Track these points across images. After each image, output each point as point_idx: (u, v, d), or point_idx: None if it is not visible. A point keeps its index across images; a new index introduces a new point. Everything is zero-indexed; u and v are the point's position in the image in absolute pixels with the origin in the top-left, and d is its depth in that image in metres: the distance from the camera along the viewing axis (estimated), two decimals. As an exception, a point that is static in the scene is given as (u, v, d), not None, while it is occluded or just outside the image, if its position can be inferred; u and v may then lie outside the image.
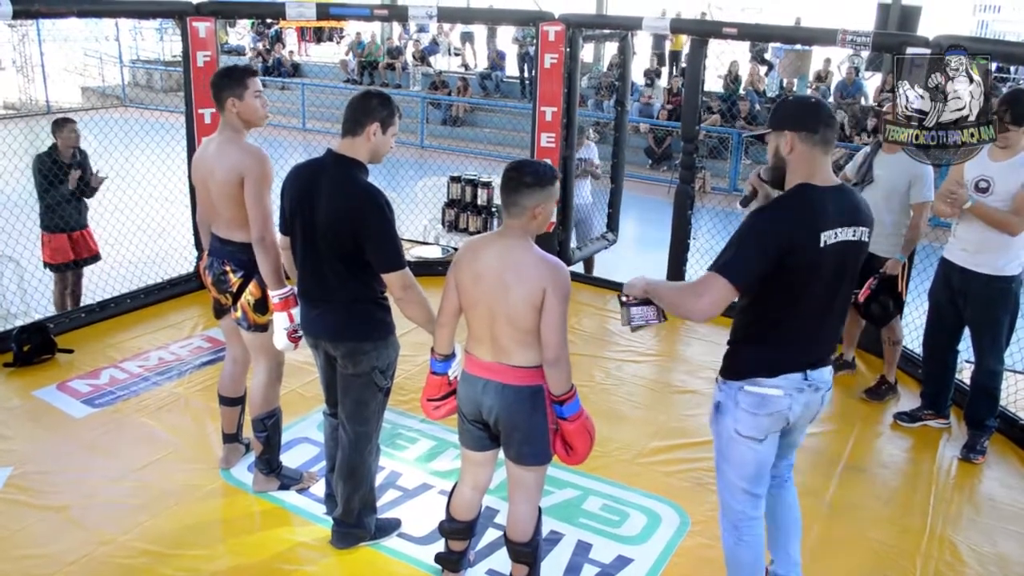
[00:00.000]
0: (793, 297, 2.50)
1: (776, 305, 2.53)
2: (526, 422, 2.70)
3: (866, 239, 2.55)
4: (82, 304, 5.44)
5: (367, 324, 2.97)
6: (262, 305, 3.34)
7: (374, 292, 2.93)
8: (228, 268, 3.36)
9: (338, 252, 2.84)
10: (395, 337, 3.07)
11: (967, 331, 4.22)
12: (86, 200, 5.70)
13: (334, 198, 2.80)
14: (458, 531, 2.98)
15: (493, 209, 7.31)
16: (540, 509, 2.89)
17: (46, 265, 5.68)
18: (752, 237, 2.45)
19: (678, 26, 5.98)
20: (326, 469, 3.39)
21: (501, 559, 3.14)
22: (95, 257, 5.82)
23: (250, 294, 3.34)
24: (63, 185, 5.46)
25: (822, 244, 2.43)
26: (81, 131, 5.68)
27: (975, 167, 3.92)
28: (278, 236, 3.16)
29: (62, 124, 5.60)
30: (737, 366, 2.63)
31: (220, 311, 3.58)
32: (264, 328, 3.38)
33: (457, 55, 19.23)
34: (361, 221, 2.78)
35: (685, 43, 13.22)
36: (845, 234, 2.47)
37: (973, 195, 3.89)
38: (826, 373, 2.64)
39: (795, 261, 2.42)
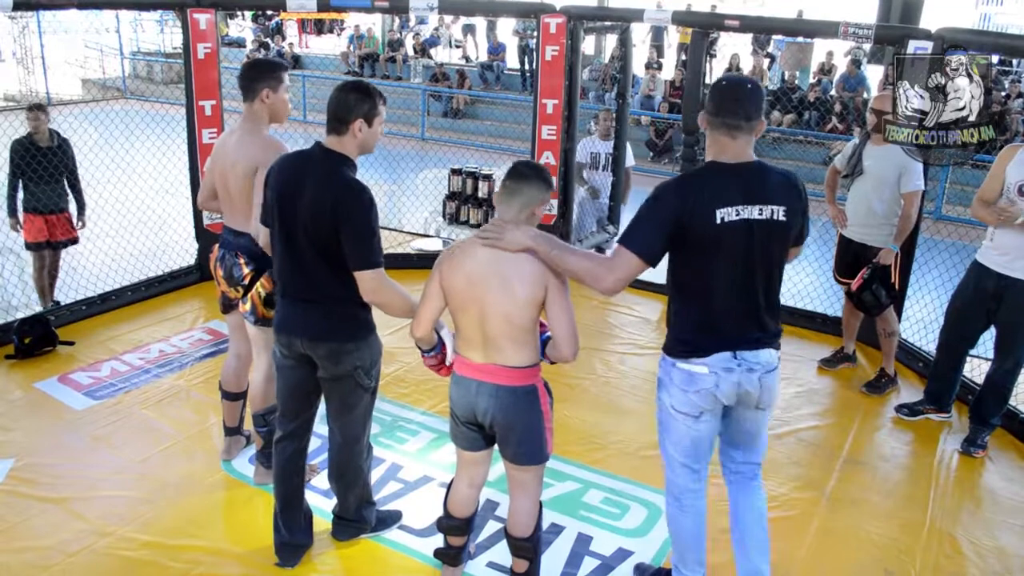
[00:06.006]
0: (700, 274, 2.59)
1: (687, 283, 2.63)
2: (523, 423, 2.68)
3: (781, 217, 2.55)
4: (82, 297, 5.45)
5: (349, 324, 2.89)
6: (272, 299, 3.32)
7: (356, 291, 2.83)
8: (241, 260, 3.35)
9: (320, 248, 2.76)
10: (377, 336, 3.01)
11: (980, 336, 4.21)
12: (66, 186, 5.82)
13: (318, 191, 2.73)
14: (456, 528, 2.97)
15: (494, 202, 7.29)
16: (541, 504, 2.89)
17: (27, 245, 5.81)
18: (649, 209, 2.56)
19: (680, 18, 5.97)
20: (277, 505, 3.15)
21: (502, 551, 3.14)
22: (72, 240, 5.92)
23: (261, 287, 3.33)
24: (33, 169, 5.61)
25: (718, 220, 2.49)
26: (52, 119, 5.87)
27: (1018, 170, 3.84)
28: (261, 229, 3.04)
29: (28, 111, 5.77)
30: (669, 344, 2.71)
31: (227, 306, 3.57)
32: (271, 323, 3.37)
33: (458, 47, 19.18)
34: (342, 215, 2.70)
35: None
36: (749, 212, 2.51)
37: (1015, 199, 3.82)
38: (763, 355, 2.63)
39: (692, 236, 2.51)
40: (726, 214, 2.49)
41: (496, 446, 2.81)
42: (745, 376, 2.61)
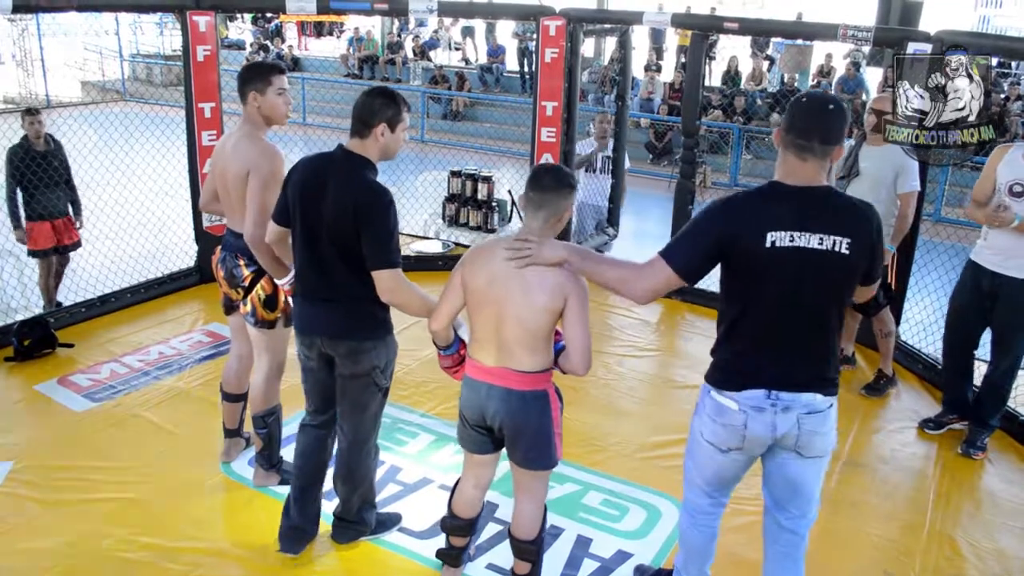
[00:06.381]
0: (743, 302, 2.42)
1: (731, 309, 2.47)
2: (532, 428, 2.68)
3: (843, 250, 2.30)
4: (81, 299, 5.45)
5: (368, 323, 2.94)
6: (272, 301, 3.34)
7: (375, 291, 2.87)
8: (242, 262, 3.36)
9: (340, 249, 2.81)
10: (394, 336, 3.05)
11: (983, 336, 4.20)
12: (69, 189, 5.81)
13: (340, 193, 2.78)
14: (460, 528, 2.97)
15: (494, 204, 7.31)
16: (545, 507, 2.90)
17: (30, 253, 5.76)
18: (694, 224, 2.44)
19: (679, 21, 5.97)
20: (295, 487, 3.21)
21: (501, 553, 3.14)
22: (76, 244, 5.91)
23: (261, 289, 3.34)
24: (35, 175, 5.59)
25: (768, 244, 2.30)
26: (52, 121, 5.95)
27: (1009, 170, 3.86)
28: (271, 226, 3.06)
29: (24, 115, 5.77)
30: (708, 370, 2.58)
31: (230, 307, 3.58)
32: (271, 325, 3.38)
33: (458, 50, 19.19)
34: (363, 217, 2.75)
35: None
36: (805, 240, 2.29)
37: (1006, 199, 3.81)
38: (804, 397, 2.40)
39: (738, 260, 2.36)
40: (778, 239, 2.28)
41: (504, 449, 2.81)
42: (781, 417, 2.40)
